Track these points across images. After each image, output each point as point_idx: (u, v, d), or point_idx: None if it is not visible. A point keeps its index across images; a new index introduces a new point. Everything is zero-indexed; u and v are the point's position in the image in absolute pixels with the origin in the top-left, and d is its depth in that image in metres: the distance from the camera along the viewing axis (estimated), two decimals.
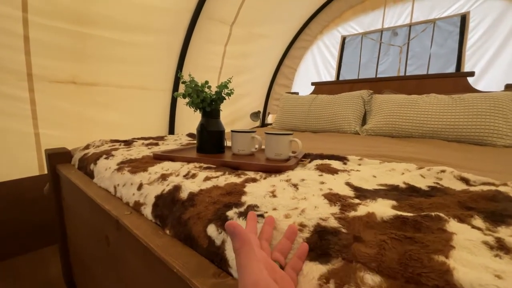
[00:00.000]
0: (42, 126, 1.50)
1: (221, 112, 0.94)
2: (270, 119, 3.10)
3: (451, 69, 1.91)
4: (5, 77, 1.34)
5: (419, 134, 1.39)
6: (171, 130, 2.16)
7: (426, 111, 1.39)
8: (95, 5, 1.49)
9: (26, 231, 1.52)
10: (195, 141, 1.20)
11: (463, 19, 1.88)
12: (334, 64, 2.61)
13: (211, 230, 0.42)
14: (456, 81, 1.69)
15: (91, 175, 0.87)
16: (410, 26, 2.12)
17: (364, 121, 1.74)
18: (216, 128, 0.91)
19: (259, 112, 2.73)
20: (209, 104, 0.90)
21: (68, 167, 1.01)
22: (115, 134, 1.78)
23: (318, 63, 2.73)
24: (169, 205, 0.52)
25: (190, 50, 2.02)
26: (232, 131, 0.87)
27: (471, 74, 1.67)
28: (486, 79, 1.75)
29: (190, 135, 1.42)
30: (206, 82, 0.93)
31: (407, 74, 2.12)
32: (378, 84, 1.99)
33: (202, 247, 0.42)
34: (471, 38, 1.83)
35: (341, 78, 2.55)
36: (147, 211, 0.55)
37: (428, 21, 2.03)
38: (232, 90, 0.91)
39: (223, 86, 0.91)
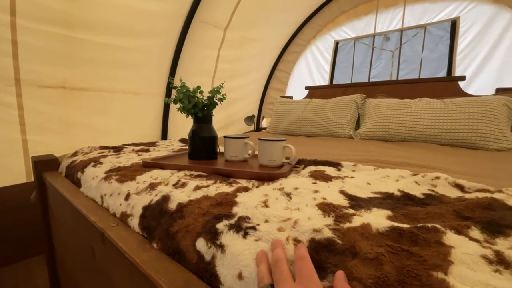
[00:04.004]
0: (30, 132, 1.46)
1: (213, 117, 0.93)
2: (264, 123, 3.09)
3: (442, 73, 1.93)
4: None
5: (412, 138, 1.39)
6: (164, 135, 2.13)
7: (419, 115, 1.39)
8: (85, 9, 1.47)
9: (12, 241, 1.46)
10: (187, 147, 1.18)
11: (454, 24, 1.91)
12: (327, 68, 2.62)
13: (201, 244, 0.40)
14: (448, 85, 1.71)
15: (78, 183, 0.84)
16: (401, 31, 2.15)
17: (357, 125, 1.75)
18: (208, 134, 0.89)
19: (253, 116, 2.72)
20: (201, 110, 0.88)
21: (55, 175, 0.98)
22: (106, 140, 1.74)
23: (311, 67, 2.74)
24: (157, 217, 0.50)
25: (183, 54, 2.00)
26: (224, 137, 0.86)
27: (462, 78, 1.69)
28: (477, 83, 1.77)
29: (182, 140, 1.39)
30: (198, 87, 0.92)
31: (399, 78, 2.14)
32: (371, 88, 2.00)
33: (191, 262, 0.40)
34: (462, 43, 1.86)
35: (334, 82, 2.57)
36: (134, 222, 0.53)
37: (419, 26, 2.06)
38: (225, 96, 0.89)
39: (215, 91, 0.89)
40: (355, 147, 1.24)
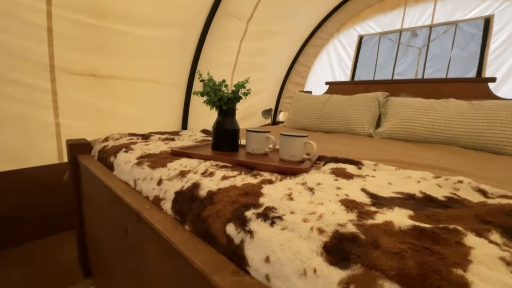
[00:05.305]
0: (62, 116, 1.56)
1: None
2: (281, 117, 3.10)
3: (472, 73, 1.85)
4: (29, 68, 1.39)
5: (435, 140, 1.37)
6: (184, 125, 2.19)
7: (444, 117, 1.36)
8: None
9: (43, 216, 1.58)
10: (209, 138, 1.22)
11: (487, 22, 1.82)
12: (349, 63, 2.58)
13: (230, 229, 0.43)
14: (477, 86, 1.65)
15: (110, 167, 0.90)
16: (431, 27, 2.07)
17: (378, 124, 1.73)
18: (231, 126, 0.92)
19: (271, 109, 2.73)
20: (225, 103, 0.91)
21: (88, 158, 1.05)
22: (130, 126, 1.83)
23: (333, 62, 2.70)
24: (188, 202, 0.54)
25: (205, 45, 2.03)
26: (247, 130, 0.89)
27: (493, 80, 1.62)
28: (508, 86, 1.69)
29: (204, 131, 1.44)
30: (223, 81, 0.95)
31: (425, 77, 2.08)
32: (395, 86, 1.96)
33: (221, 244, 0.44)
34: (494, 42, 1.77)
35: (356, 79, 2.52)
36: (167, 206, 0.58)
37: (450, 23, 1.98)
38: (249, 90, 0.92)
39: (240, 85, 0.92)
40: (375, 146, 1.24)
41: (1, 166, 1.41)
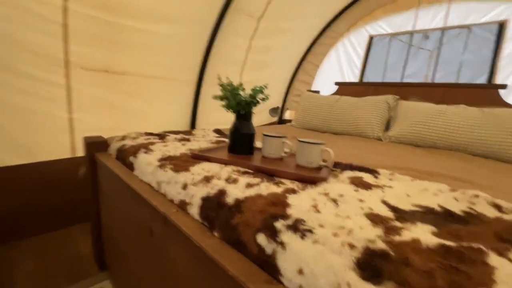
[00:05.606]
0: (75, 111, 1.58)
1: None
2: (288, 115, 3.11)
3: (482, 79, 1.85)
4: (44, 63, 1.41)
5: (444, 146, 1.38)
6: (193, 121, 2.21)
7: (454, 123, 1.37)
8: None
9: (56, 209, 1.62)
10: (222, 138, 1.25)
11: (501, 27, 1.81)
12: (358, 63, 2.57)
13: (261, 239, 0.46)
14: (486, 92, 1.65)
15: (130, 166, 0.93)
16: (443, 30, 2.06)
17: (387, 127, 1.74)
18: (248, 131, 0.94)
19: (278, 108, 2.74)
20: (243, 107, 0.93)
21: (106, 156, 1.08)
22: (141, 122, 1.85)
23: (342, 62, 2.69)
24: (215, 208, 0.57)
25: (216, 42, 2.04)
26: (264, 134, 0.91)
27: (503, 86, 1.62)
28: None
29: (216, 131, 1.46)
30: (241, 85, 0.96)
31: (435, 80, 2.08)
32: (404, 89, 1.96)
33: (252, 253, 0.47)
34: (507, 48, 1.76)
35: (365, 79, 2.52)
36: (194, 211, 0.60)
37: (463, 26, 1.96)
38: (268, 96, 0.94)
39: (258, 91, 0.94)
40: (385, 151, 1.26)
41: (16, 159, 1.45)
